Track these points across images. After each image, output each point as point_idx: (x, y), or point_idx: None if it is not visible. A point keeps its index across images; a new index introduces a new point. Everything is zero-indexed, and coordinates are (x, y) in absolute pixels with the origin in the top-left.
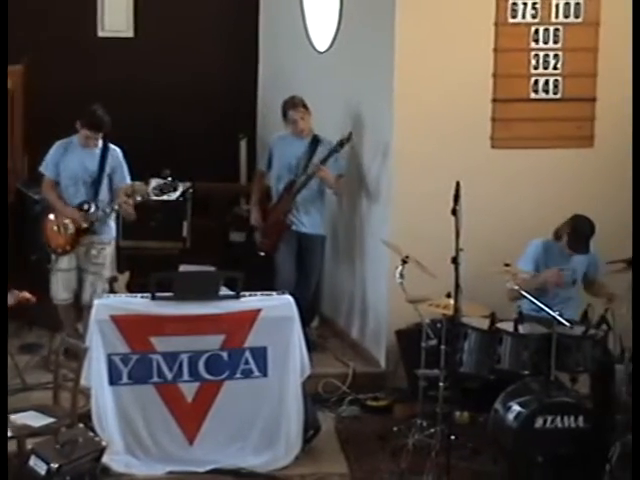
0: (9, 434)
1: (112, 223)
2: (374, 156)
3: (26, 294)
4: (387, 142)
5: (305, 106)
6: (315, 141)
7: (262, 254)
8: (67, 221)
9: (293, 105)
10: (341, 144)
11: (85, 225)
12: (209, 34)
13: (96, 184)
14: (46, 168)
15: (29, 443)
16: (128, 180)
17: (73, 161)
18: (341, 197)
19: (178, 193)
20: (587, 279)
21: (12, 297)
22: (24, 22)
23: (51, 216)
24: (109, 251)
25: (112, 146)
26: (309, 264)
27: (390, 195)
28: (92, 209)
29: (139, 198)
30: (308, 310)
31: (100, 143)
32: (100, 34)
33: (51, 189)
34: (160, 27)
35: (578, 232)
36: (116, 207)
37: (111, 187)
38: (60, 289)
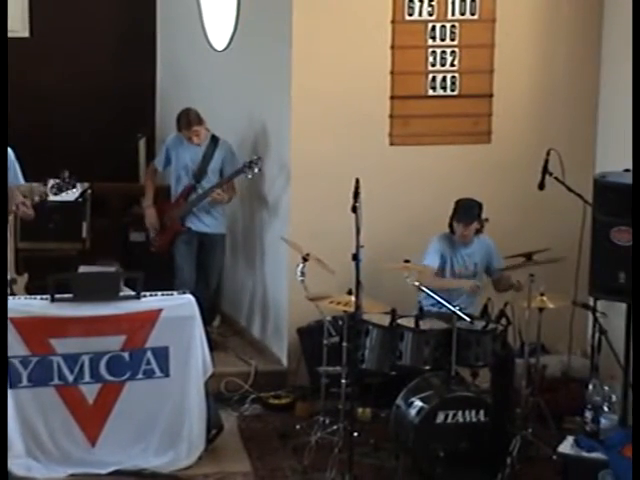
0: None
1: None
2: (272, 155)
3: None
4: (285, 141)
5: (200, 120)
6: (213, 142)
7: (154, 250)
8: None
9: (187, 125)
10: (249, 166)
11: None
12: (106, 33)
13: None
14: None
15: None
16: (22, 179)
17: None
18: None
19: (77, 191)
20: (490, 271)
21: None
22: None
23: None
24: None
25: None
26: (210, 263)
27: (289, 193)
28: None
29: (37, 198)
30: (209, 309)
31: None
32: None
33: (7, 185)
34: (56, 27)
35: (460, 204)
36: (13, 208)
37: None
38: None
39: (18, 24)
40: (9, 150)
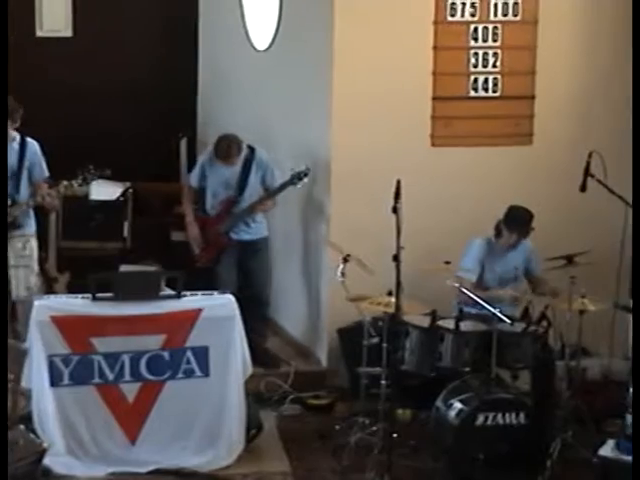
0: None
1: (33, 216)
2: (313, 155)
3: None
4: (326, 141)
5: (239, 150)
6: (250, 154)
7: (200, 265)
8: None
9: (226, 157)
10: (299, 177)
11: (9, 220)
12: (148, 33)
13: (16, 178)
14: None
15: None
16: (46, 173)
17: None
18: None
19: (111, 187)
20: (529, 275)
21: None
22: None
23: None
24: (34, 244)
25: (30, 140)
26: (257, 267)
27: (330, 194)
28: (15, 203)
29: (62, 189)
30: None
31: (17, 137)
32: (39, 34)
33: (7, 185)
34: (99, 26)
35: (513, 213)
36: (39, 199)
37: (30, 181)
38: None
39: (61, 24)
40: (35, 144)
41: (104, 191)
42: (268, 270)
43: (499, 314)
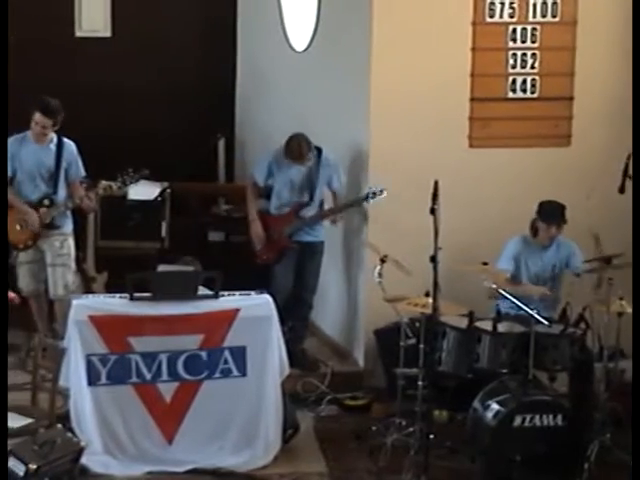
0: None
1: (70, 215)
2: (352, 156)
3: (10, 294)
4: (364, 142)
5: (309, 148)
6: (318, 157)
7: (260, 262)
8: (27, 217)
9: (299, 157)
10: (373, 197)
11: (47, 221)
12: (187, 33)
13: (54, 179)
14: None
15: (7, 444)
16: (83, 173)
17: (28, 156)
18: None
19: (149, 187)
20: (573, 272)
21: None
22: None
23: (11, 213)
24: (71, 242)
25: (66, 140)
26: (311, 269)
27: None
28: (53, 204)
29: (101, 191)
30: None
31: (54, 138)
32: (78, 34)
33: (7, 186)
34: (137, 27)
35: (546, 207)
36: (77, 201)
37: (66, 181)
38: (28, 280)
39: (100, 24)
40: (72, 145)
41: (142, 191)
42: (318, 274)
43: (537, 315)
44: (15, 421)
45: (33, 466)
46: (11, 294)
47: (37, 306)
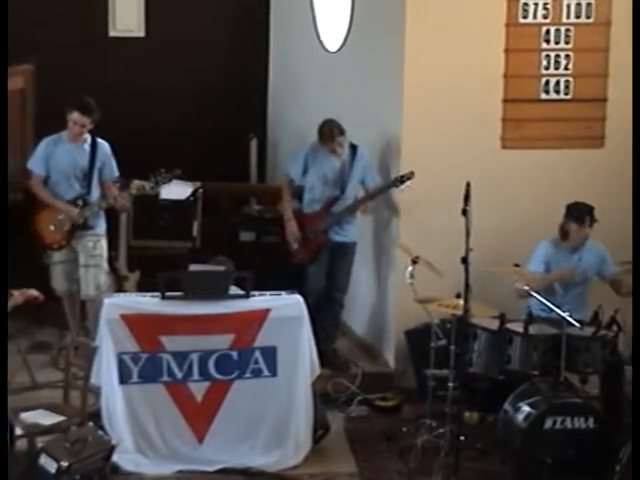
0: (19, 432)
1: (103, 215)
2: (384, 156)
3: (34, 292)
4: (396, 142)
5: (342, 131)
6: (352, 151)
7: (296, 262)
8: (62, 217)
9: (331, 137)
10: (401, 180)
11: (81, 221)
12: (220, 33)
13: (88, 179)
14: (35, 165)
15: (39, 441)
16: (116, 173)
17: (63, 156)
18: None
19: (181, 186)
20: (604, 277)
21: (21, 296)
22: (36, 21)
23: (45, 213)
24: (104, 243)
25: (100, 140)
26: (341, 270)
27: (399, 195)
28: (86, 204)
29: (134, 191)
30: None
31: (88, 138)
32: (111, 34)
33: (41, 186)
34: (171, 27)
35: (573, 208)
36: (111, 201)
37: (100, 181)
38: (61, 280)
39: (134, 24)
40: (106, 145)
41: (174, 191)
42: (350, 274)
43: (568, 318)
44: (47, 418)
45: (65, 463)
46: (34, 292)
47: (69, 305)
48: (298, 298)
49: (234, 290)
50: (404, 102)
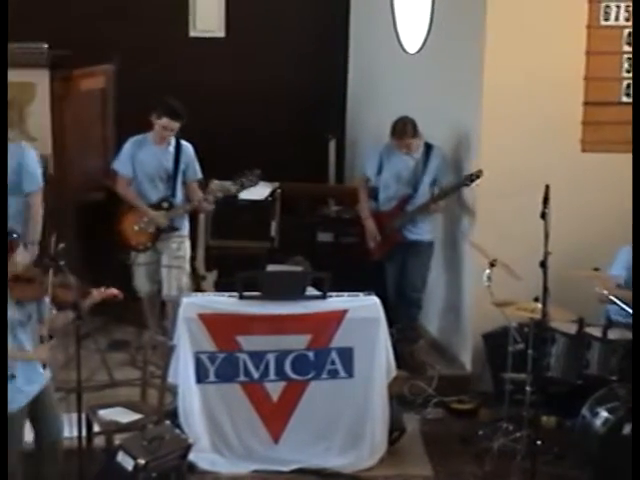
0: (97, 429)
1: (187, 217)
2: (461, 158)
3: (113, 290)
4: (475, 144)
5: (415, 133)
6: (427, 151)
7: (374, 260)
8: (147, 219)
9: (400, 134)
10: (471, 179)
11: (166, 224)
12: (300, 33)
13: (172, 180)
14: (120, 166)
15: (117, 439)
16: (200, 175)
17: (148, 158)
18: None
19: (266, 188)
20: None
21: (99, 294)
22: (116, 21)
23: (130, 214)
24: (188, 244)
25: (184, 142)
26: (416, 269)
27: (477, 197)
28: (172, 206)
29: (220, 194)
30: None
31: (172, 140)
32: (192, 34)
33: (127, 187)
34: (251, 27)
35: None
36: (196, 203)
37: (183, 182)
38: (144, 281)
39: (214, 24)
40: (190, 147)
41: (253, 191)
42: (424, 274)
43: None
44: (125, 416)
45: (142, 461)
46: (114, 290)
47: (149, 304)
48: (375, 299)
49: (311, 291)
50: (483, 104)
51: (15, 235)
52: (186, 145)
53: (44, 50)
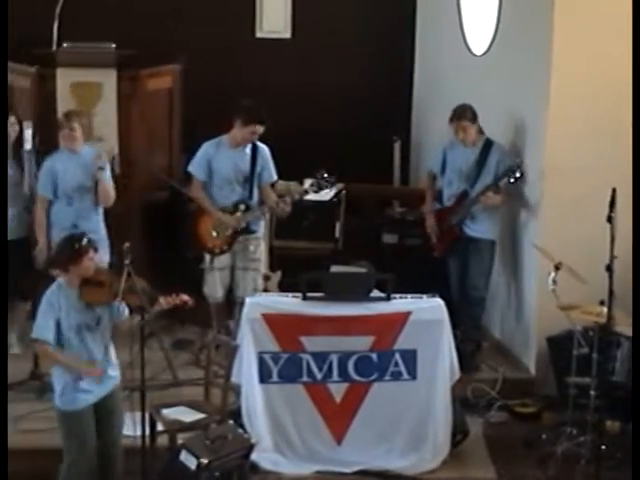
0: (160, 428)
1: (262, 218)
2: (527, 159)
3: (183, 297)
4: (541, 147)
5: (472, 118)
6: (487, 146)
7: (436, 256)
8: (222, 222)
9: (458, 117)
10: (512, 170)
11: (242, 226)
12: (366, 36)
13: (249, 183)
14: (196, 169)
15: (180, 438)
16: (275, 177)
17: (225, 161)
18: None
19: (332, 191)
20: None
21: (167, 302)
22: (183, 21)
23: (207, 217)
24: (263, 246)
25: (260, 144)
26: (475, 268)
27: (542, 199)
28: (248, 208)
29: (297, 196)
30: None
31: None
32: (258, 35)
33: (200, 190)
34: (317, 28)
35: None
36: (273, 205)
37: (259, 184)
38: (217, 287)
39: (280, 25)
40: (266, 149)
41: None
42: (486, 273)
43: None
44: (188, 415)
45: (205, 460)
46: (185, 297)
47: (217, 306)
48: (439, 301)
49: (375, 292)
50: (550, 106)
51: (86, 238)
52: (262, 147)
53: (111, 50)
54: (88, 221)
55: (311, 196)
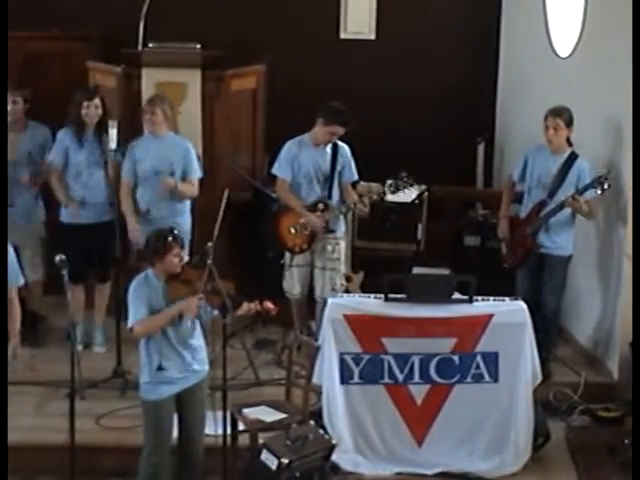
0: (242, 428)
1: (342, 218)
2: (615, 165)
3: (269, 304)
4: (629, 151)
5: (568, 120)
6: (571, 159)
7: (505, 266)
8: (304, 221)
9: (554, 113)
10: (599, 182)
11: (323, 230)
12: (450, 38)
13: (329, 182)
14: (280, 169)
15: (261, 438)
16: (356, 176)
17: (307, 160)
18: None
19: (414, 191)
20: None
21: (249, 309)
22: (268, 22)
23: (287, 217)
24: (343, 245)
25: (341, 143)
26: (547, 283)
27: (630, 206)
28: (328, 207)
29: (375, 197)
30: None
31: None
32: (342, 36)
33: (287, 190)
34: (401, 30)
35: None
36: (352, 205)
37: (339, 183)
38: (295, 284)
39: (365, 26)
40: (346, 148)
41: (400, 193)
42: (557, 291)
43: None
44: (269, 415)
45: (285, 460)
46: (269, 304)
47: (298, 306)
48: (522, 304)
49: (456, 295)
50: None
51: (173, 235)
52: (343, 146)
53: (196, 50)
54: (159, 208)
55: (393, 197)
